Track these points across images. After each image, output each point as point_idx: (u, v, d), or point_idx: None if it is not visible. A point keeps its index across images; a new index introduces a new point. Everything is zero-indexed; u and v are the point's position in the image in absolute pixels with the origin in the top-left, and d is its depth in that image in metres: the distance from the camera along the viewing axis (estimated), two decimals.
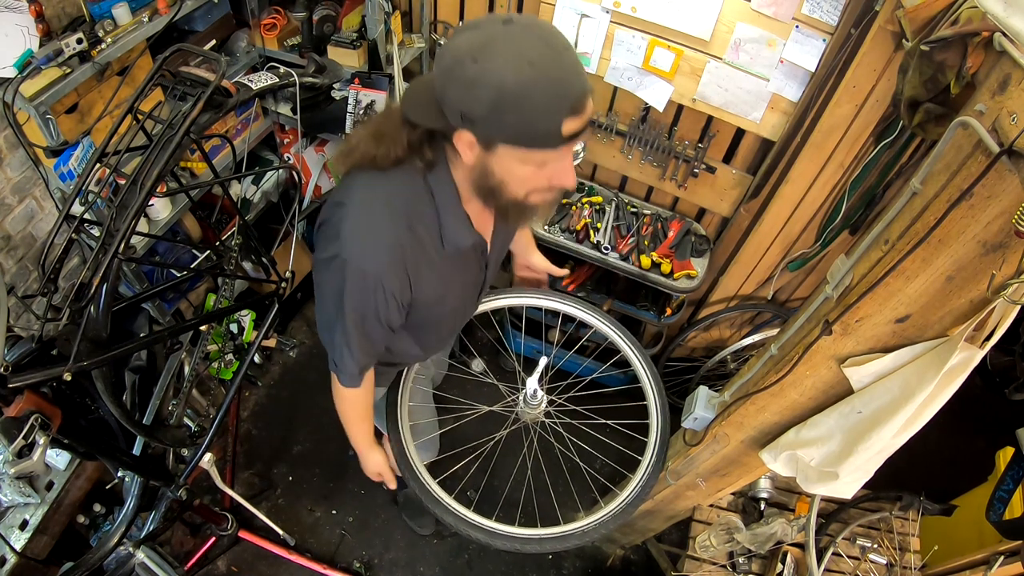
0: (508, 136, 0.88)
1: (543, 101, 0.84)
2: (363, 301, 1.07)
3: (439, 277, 1.15)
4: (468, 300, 1.36)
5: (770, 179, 1.97)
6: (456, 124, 0.91)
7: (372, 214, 1.03)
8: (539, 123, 0.85)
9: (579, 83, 0.86)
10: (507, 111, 0.84)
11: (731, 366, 2.51)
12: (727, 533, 1.84)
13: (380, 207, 1.03)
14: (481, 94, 0.84)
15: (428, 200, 1.05)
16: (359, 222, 1.03)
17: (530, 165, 0.92)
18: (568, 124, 0.86)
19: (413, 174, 1.03)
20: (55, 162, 1.66)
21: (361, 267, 1.02)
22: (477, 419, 1.63)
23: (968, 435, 2.74)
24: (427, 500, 1.34)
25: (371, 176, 1.05)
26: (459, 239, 1.11)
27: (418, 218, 1.05)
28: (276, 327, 1.83)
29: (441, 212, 1.06)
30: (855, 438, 1.08)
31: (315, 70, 2.03)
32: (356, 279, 1.04)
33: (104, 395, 1.24)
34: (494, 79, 0.83)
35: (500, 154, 0.91)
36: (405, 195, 1.04)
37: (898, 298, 0.92)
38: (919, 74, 1.04)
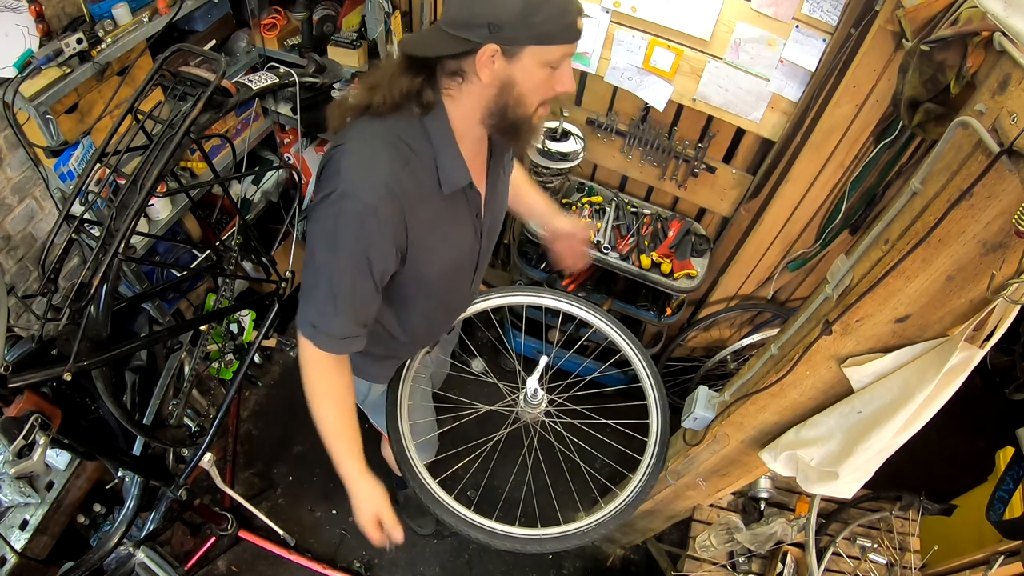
0: (538, 34, 0.97)
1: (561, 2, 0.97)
2: (357, 236, 1.05)
3: (435, 222, 1.14)
4: (462, 272, 1.33)
5: (770, 179, 1.97)
6: (482, 39, 0.98)
7: (370, 150, 1.06)
8: (561, 19, 0.97)
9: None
10: (536, 12, 0.95)
11: (731, 366, 2.51)
12: (727, 533, 1.84)
13: (379, 144, 1.06)
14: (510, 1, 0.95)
15: (425, 141, 1.08)
16: (357, 157, 1.05)
17: (546, 68, 1.01)
18: (579, 20, 1.00)
19: (410, 118, 1.08)
20: (55, 162, 1.66)
21: (358, 196, 1.03)
22: (477, 419, 1.63)
23: (968, 435, 2.74)
24: (427, 500, 1.33)
25: (369, 119, 1.08)
26: (456, 177, 1.12)
27: (416, 158, 1.07)
28: (276, 327, 1.82)
29: (438, 152, 1.09)
30: (855, 438, 1.08)
31: (315, 70, 2.02)
32: (352, 210, 1.03)
33: (104, 395, 1.24)
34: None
35: (523, 59, 1.00)
36: (403, 135, 1.07)
37: (898, 298, 0.92)
38: (919, 74, 1.04)
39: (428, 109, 1.07)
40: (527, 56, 1.00)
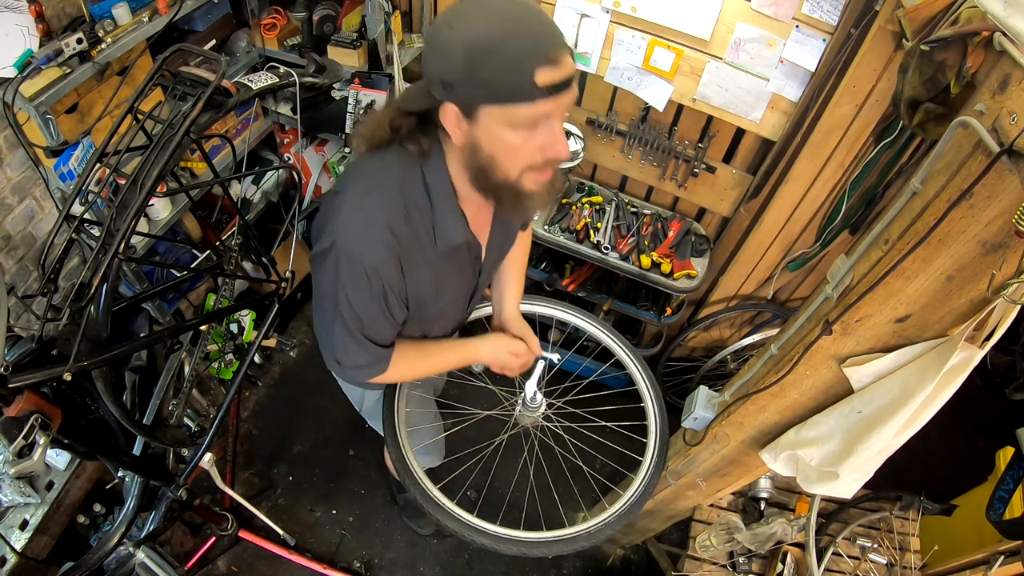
0: (484, 94, 0.87)
1: (514, 51, 0.84)
2: (364, 293, 1.05)
3: (433, 274, 1.13)
4: (458, 306, 1.34)
5: (770, 179, 1.97)
6: (440, 96, 0.91)
7: (368, 203, 1.02)
8: (512, 74, 0.84)
9: (550, 33, 0.86)
10: (480, 67, 0.84)
11: (731, 366, 2.51)
12: (727, 533, 1.84)
13: (377, 195, 1.02)
14: (455, 55, 0.85)
15: (424, 193, 1.05)
16: (354, 210, 1.02)
17: (517, 131, 0.91)
18: (543, 74, 0.84)
19: (411, 166, 1.03)
20: (55, 162, 1.66)
21: (356, 256, 1.01)
22: (477, 423, 1.62)
23: (968, 435, 2.74)
24: (429, 506, 1.32)
25: (370, 165, 1.06)
26: (452, 235, 1.09)
27: (414, 210, 1.04)
28: (276, 327, 1.83)
29: (436, 206, 1.05)
30: (855, 438, 1.08)
31: (315, 70, 2.03)
32: (353, 272, 1.02)
33: (104, 395, 1.24)
34: (466, 38, 0.84)
35: (483, 121, 0.90)
36: (402, 186, 1.03)
37: (898, 298, 0.92)
38: (919, 74, 1.04)
39: (426, 156, 1.02)
40: (485, 117, 0.90)
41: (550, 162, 0.96)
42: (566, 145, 0.95)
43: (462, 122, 0.93)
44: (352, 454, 2.64)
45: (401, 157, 1.03)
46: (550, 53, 0.85)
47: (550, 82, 0.86)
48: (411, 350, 1.26)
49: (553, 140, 0.93)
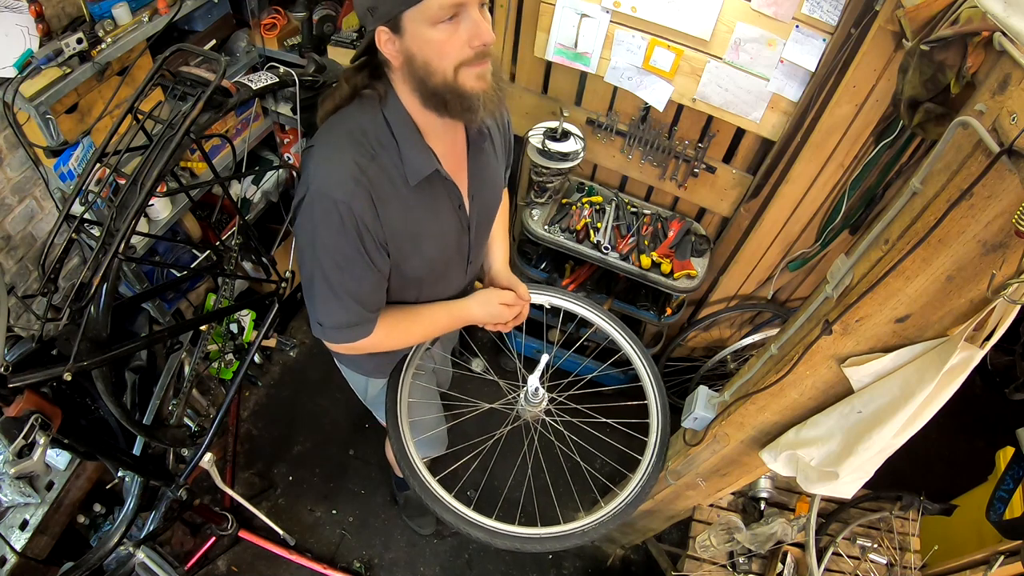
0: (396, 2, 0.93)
1: None
2: (340, 237, 1.07)
3: (409, 214, 1.14)
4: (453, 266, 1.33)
5: (770, 179, 1.97)
6: (371, 25, 0.98)
7: (334, 146, 1.07)
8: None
9: None
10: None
11: (731, 366, 2.51)
12: (727, 533, 1.84)
13: (344, 141, 1.07)
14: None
15: (388, 132, 1.08)
16: (322, 155, 1.07)
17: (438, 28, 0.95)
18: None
19: (372, 110, 1.08)
20: (55, 162, 1.66)
21: (328, 195, 1.03)
22: (477, 417, 1.62)
23: (968, 435, 2.74)
24: (427, 498, 1.33)
25: (335, 120, 1.11)
26: (420, 166, 1.11)
27: (381, 149, 1.08)
28: (276, 327, 1.82)
29: (400, 143, 1.09)
30: (855, 438, 1.08)
31: (315, 70, 2.02)
32: (327, 211, 1.04)
33: (104, 395, 1.24)
34: None
35: (408, 29, 0.96)
36: (366, 128, 1.07)
37: (898, 298, 0.92)
38: (919, 74, 1.04)
39: (384, 100, 1.08)
40: (408, 24, 0.96)
41: (480, 52, 0.99)
42: (489, 30, 0.98)
43: (394, 40, 0.99)
44: (352, 454, 2.64)
45: (362, 106, 1.09)
46: None
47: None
48: (398, 312, 1.27)
49: (475, 28, 0.97)
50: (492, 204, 1.36)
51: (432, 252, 1.23)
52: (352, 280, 1.12)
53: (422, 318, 1.32)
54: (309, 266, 1.12)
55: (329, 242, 1.07)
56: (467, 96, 1.02)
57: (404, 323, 1.29)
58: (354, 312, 1.15)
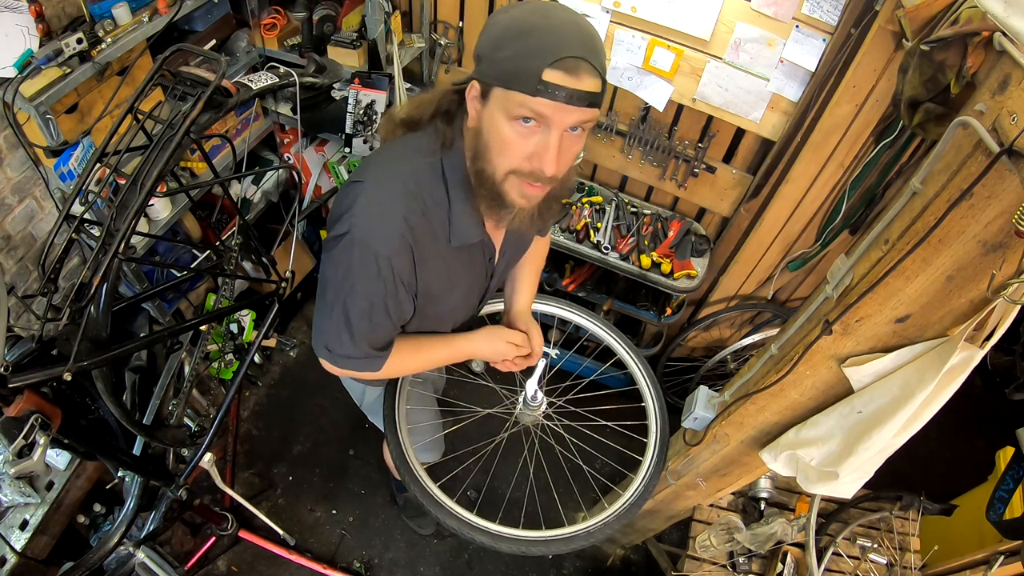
0: (497, 73, 0.89)
1: (537, 42, 0.85)
2: (373, 286, 1.05)
3: (446, 270, 1.13)
4: (469, 305, 1.34)
5: (770, 179, 1.97)
6: (475, 73, 0.95)
7: (386, 193, 1.02)
8: (525, 61, 0.86)
9: (583, 48, 0.86)
10: (503, 47, 0.88)
11: (731, 366, 2.51)
12: (727, 533, 1.84)
13: (396, 187, 1.02)
14: (493, 31, 0.91)
15: (442, 187, 1.05)
16: (372, 199, 1.02)
17: (512, 124, 0.91)
18: (551, 73, 0.85)
19: (432, 156, 1.04)
20: (55, 162, 1.66)
21: (371, 246, 1.01)
22: (477, 421, 1.63)
23: (968, 435, 2.74)
24: (429, 504, 1.33)
25: (391, 156, 1.07)
26: (467, 233, 1.09)
27: (432, 204, 1.04)
28: (276, 327, 1.82)
29: (452, 201, 1.05)
30: (855, 438, 1.08)
31: (315, 70, 2.02)
32: (366, 260, 1.02)
33: (104, 395, 1.24)
34: (507, 20, 0.90)
35: (491, 104, 0.92)
36: (421, 179, 1.03)
37: (898, 298, 0.92)
38: (919, 74, 1.04)
39: (448, 146, 1.03)
40: (493, 100, 0.91)
41: (535, 174, 0.94)
42: (554, 162, 0.92)
43: (478, 101, 0.95)
44: (352, 454, 2.64)
45: (422, 147, 1.04)
46: (570, 61, 0.85)
47: (556, 84, 0.85)
48: (404, 344, 1.25)
49: (543, 150, 0.91)
50: (520, 253, 1.35)
51: (457, 299, 1.24)
52: (371, 327, 1.11)
53: (426, 351, 1.30)
54: (331, 299, 1.09)
55: (360, 288, 1.05)
56: (504, 202, 0.99)
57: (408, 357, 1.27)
58: (364, 351, 1.14)
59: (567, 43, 0.85)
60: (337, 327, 1.10)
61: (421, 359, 1.30)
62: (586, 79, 0.87)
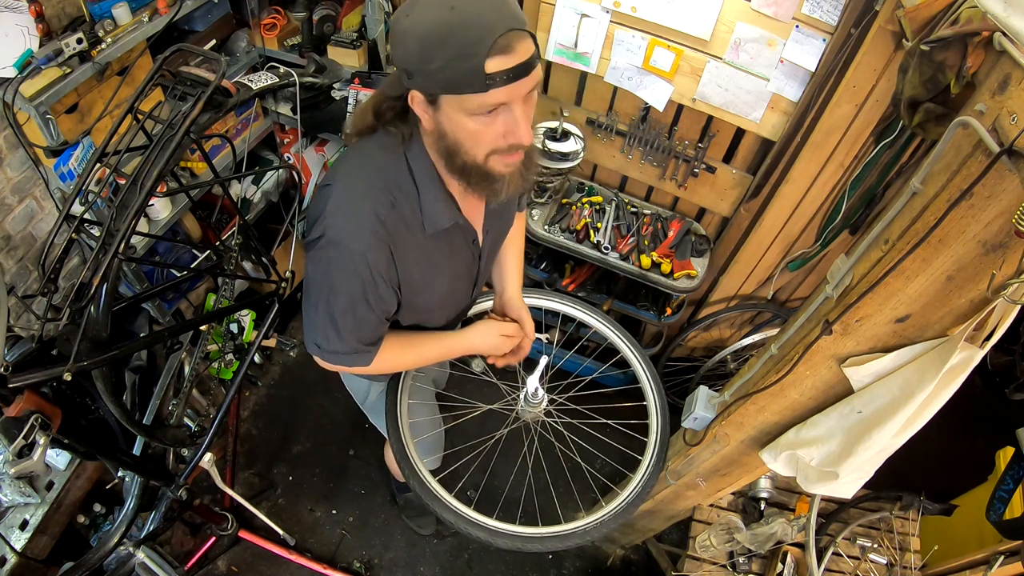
0: (438, 83, 0.88)
1: (462, 41, 0.83)
2: (352, 282, 1.06)
3: (425, 259, 1.13)
4: (460, 292, 1.33)
5: (770, 179, 1.97)
6: (406, 84, 0.93)
7: (354, 192, 1.04)
8: (461, 64, 0.84)
9: (503, 22, 0.84)
10: (432, 57, 0.85)
11: (731, 366, 2.51)
12: (727, 533, 1.84)
13: (362, 185, 1.04)
14: (410, 44, 0.86)
15: (409, 179, 1.06)
16: (341, 200, 1.04)
17: (475, 118, 0.91)
18: (493, 63, 0.84)
19: (395, 152, 1.05)
20: (55, 162, 1.66)
21: (345, 244, 1.02)
22: (477, 418, 1.63)
23: (968, 435, 2.74)
24: (428, 499, 1.33)
25: (356, 156, 1.08)
26: (439, 219, 1.09)
27: (401, 196, 1.05)
28: (276, 327, 1.82)
29: (421, 190, 1.06)
30: (855, 438, 1.08)
31: (315, 70, 2.03)
32: (341, 258, 1.03)
33: (104, 395, 1.24)
34: (418, 26, 0.85)
35: (444, 108, 0.92)
36: (387, 173, 1.05)
37: (898, 298, 0.92)
38: (919, 74, 1.04)
39: (407, 140, 1.04)
40: (444, 104, 0.91)
41: (513, 147, 0.96)
42: (528, 131, 0.94)
43: (427, 108, 0.94)
44: (352, 454, 2.64)
45: (384, 144, 1.05)
46: (501, 41, 0.83)
47: (502, 69, 0.85)
48: (396, 341, 1.25)
49: (514, 126, 0.93)
50: (505, 230, 1.36)
51: (444, 286, 1.24)
52: (356, 322, 1.11)
53: (418, 348, 1.30)
54: (315, 298, 1.11)
55: (340, 286, 1.06)
56: (494, 177, 1.00)
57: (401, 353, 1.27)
58: (352, 346, 1.15)
59: (487, 26, 0.84)
60: (324, 324, 1.12)
61: (414, 355, 1.31)
62: (520, 48, 0.86)
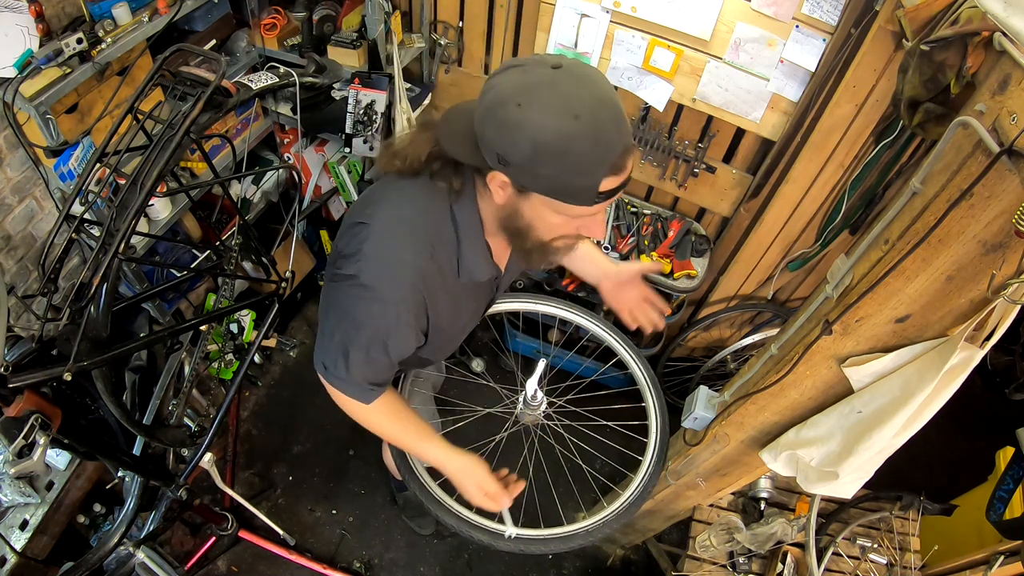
0: (542, 186, 0.87)
1: (583, 158, 0.82)
2: (375, 326, 1.04)
3: (453, 303, 1.13)
4: (475, 318, 1.34)
5: (770, 179, 1.97)
6: (493, 164, 0.89)
7: (395, 239, 1.00)
8: (576, 179, 0.84)
9: (622, 141, 0.84)
10: (545, 163, 0.82)
11: (731, 366, 2.51)
12: (727, 533, 1.84)
13: (405, 233, 1.00)
14: (521, 141, 0.82)
15: (451, 228, 1.03)
16: (381, 244, 1.00)
17: (562, 215, 0.91)
18: (607, 182, 0.84)
19: (440, 201, 1.01)
20: (55, 162, 1.66)
21: (380, 292, 1.00)
22: (477, 421, 1.63)
23: (968, 435, 2.74)
24: (429, 503, 1.33)
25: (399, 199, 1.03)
26: (476, 272, 1.08)
27: (440, 244, 1.03)
28: (276, 327, 1.83)
29: (462, 242, 1.04)
30: (855, 438, 1.09)
31: (315, 70, 2.03)
32: (372, 301, 1.01)
33: (104, 395, 1.24)
34: (536, 128, 0.81)
35: (533, 201, 0.90)
36: (430, 223, 1.01)
37: (898, 298, 0.92)
38: (919, 74, 1.04)
39: (458, 196, 1.01)
40: (536, 199, 0.90)
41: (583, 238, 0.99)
42: (604, 228, 0.97)
43: (509, 190, 0.91)
44: (352, 454, 2.64)
45: (430, 192, 1.01)
46: (618, 162, 0.83)
47: (611, 188, 0.86)
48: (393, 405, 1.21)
49: (594, 225, 0.95)
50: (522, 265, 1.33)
51: (464, 321, 1.25)
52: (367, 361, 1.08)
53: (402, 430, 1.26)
54: (333, 326, 1.08)
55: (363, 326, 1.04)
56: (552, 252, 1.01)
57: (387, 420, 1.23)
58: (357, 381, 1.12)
59: (610, 143, 0.82)
60: (335, 353, 1.09)
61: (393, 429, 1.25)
62: (630, 164, 0.86)
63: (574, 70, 0.83)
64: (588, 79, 0.84)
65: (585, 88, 0.82)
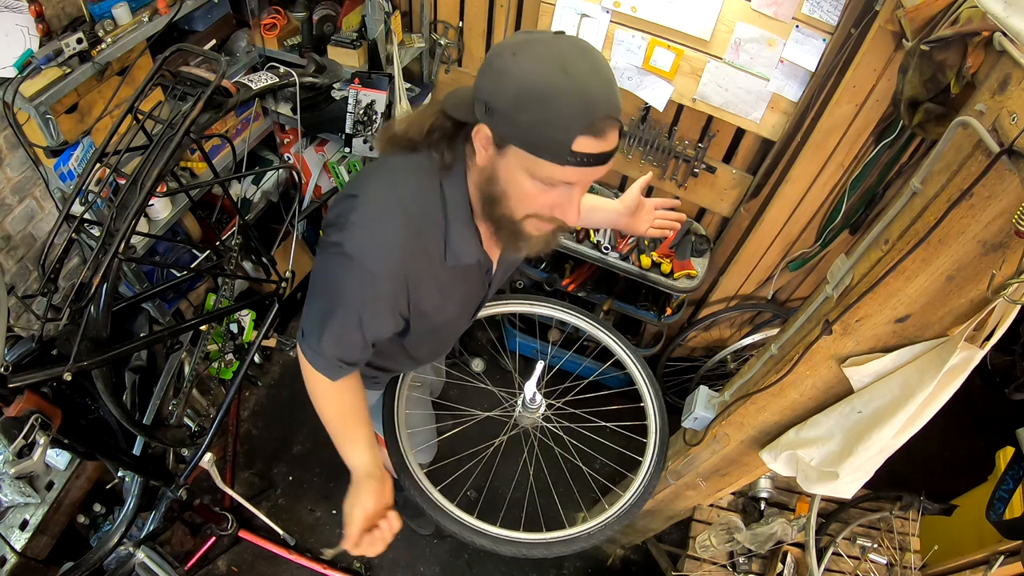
0: (519, 135, 0.86)
1: (563, 109, 0.81)
2: (353, 298, 1.04)
3: (439, 289, 1.12)
4: (465, 314, 1.32)
5: (770, 179, 1.97)
6: (480, 115, 0.90)
7: (382, 212, 1.01)
8: (552, 130, 0.83)
9: (607, 106, 0.83)
10: (526, 109, 0.83)
11: (731, 366, 2.51)
12: (727, 533, 1.84)
13: (392, 206, 1.01)
14: (507, 86, 0.84)
15: (440, 209, 1.03)
16: (367, 215, 1.00)
17: (534, 181, 0.90)
18: (581, 141, 0.83)
19: (431, 178, 1.02)
20: (55, 162, 1.66)
21: (361, 262, 1.00)
22: (477, 424, 1.62)
23: (968, 435, 2.74)
24: (429, 508, 1.33)
25: (389, 172, 1.04)
26: (463, 255, 1.07)
27: (427, 224, 1.02)
28: (276, 327, 1.82)
29: (450, 223, 1.04)
30: (855, 438, 1.09)
31: (315, 70, 2.03)
32: (352, 272, 1.01)
33: (104, 395, 1.24)
34: (523, 74, 0.83)
35: (509, 158, 0.90)
36: (419, 199, 1.02)
37: (898, 298, 0.92)
38: (919, 74, 1.04)
39: (448, 170, 1.01)
40: (511, 155, 0.88)
41: (555, 220, 0.96)
42: (577, 213, 0.93)
43: (490, 147, 0.91)
44: None
45: (421, 167, 1.02)
46: (598, 124, 0.83)
47: (586, 152, 0.84)
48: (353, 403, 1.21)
49: (566, 204, 0.92)
50: (516, 261, 1.33)
51: (452, 313, 1.22)
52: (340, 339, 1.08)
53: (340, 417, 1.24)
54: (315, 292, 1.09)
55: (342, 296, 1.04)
56: (523, 236, 0.99)
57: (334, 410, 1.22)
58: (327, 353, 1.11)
59: (593, 103, 0.82)
60: (313, 321, 1.10)
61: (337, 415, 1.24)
62: (610, 136, 0.85)
63: (577, 41, 0.86)
64: (587, 50, 0.86)
65: (581, 55, 0.84)
